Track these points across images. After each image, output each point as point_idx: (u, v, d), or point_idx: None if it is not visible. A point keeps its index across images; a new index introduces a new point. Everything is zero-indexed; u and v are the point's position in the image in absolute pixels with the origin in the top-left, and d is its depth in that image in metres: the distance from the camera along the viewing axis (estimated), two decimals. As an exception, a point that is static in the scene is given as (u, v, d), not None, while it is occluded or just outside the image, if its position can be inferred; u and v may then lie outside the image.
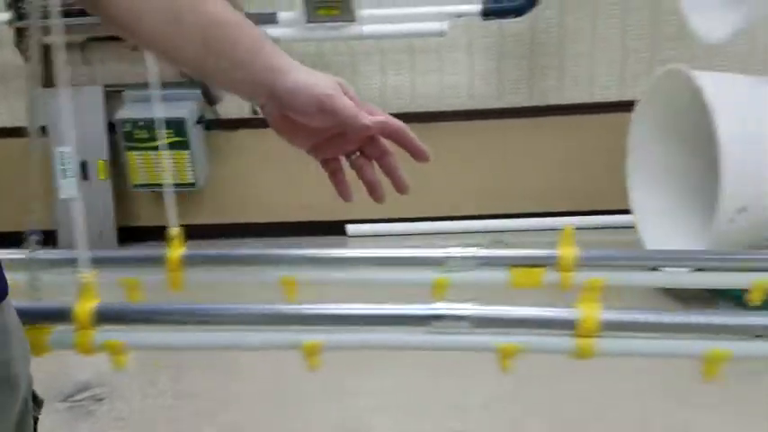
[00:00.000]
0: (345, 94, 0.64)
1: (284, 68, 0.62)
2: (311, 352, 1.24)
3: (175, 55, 0.63)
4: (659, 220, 2.75)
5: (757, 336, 1.22)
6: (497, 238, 3.88)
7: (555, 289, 1.39)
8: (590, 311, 1.21)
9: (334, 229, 4.04)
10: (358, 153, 0.70)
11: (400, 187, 0.72)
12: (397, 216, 4.02)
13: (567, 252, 1.38)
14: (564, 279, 1.38)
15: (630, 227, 2.92)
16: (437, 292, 1.40)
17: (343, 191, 0.72)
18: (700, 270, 1.57)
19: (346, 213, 4.09)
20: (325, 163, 0.71)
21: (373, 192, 0.71)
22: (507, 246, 3.65)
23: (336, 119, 0.64)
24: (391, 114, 0.72)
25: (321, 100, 0.62)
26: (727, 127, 2.17)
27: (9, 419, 0.57)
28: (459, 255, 1.43)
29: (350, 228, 4.06)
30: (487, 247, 1.51)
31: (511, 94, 3.92)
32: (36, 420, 0.64)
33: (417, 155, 0.70)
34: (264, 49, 0.62)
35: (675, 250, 2.32)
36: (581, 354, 1.22)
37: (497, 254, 1.49)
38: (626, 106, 3.05)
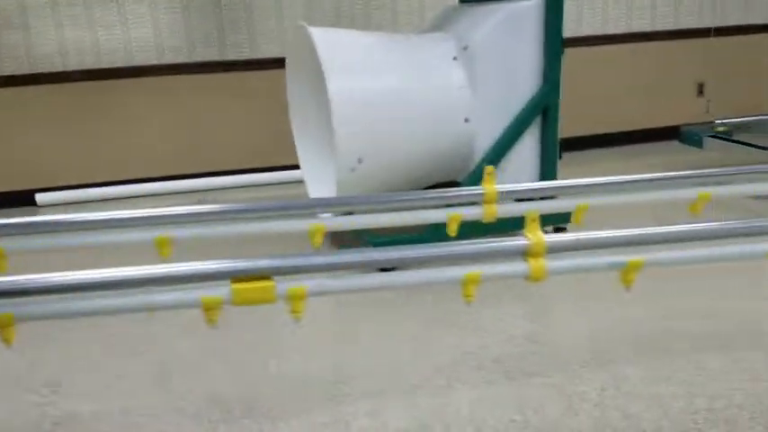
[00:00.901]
0: None
1: None
2: None
3: None
4: (318, 171, 2.86)
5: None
6: (200, 196, 3.81)
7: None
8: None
9: (22, 199, 3.69)
10: None
11: None
12: (88, 181, 3.79)
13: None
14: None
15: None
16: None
17: None
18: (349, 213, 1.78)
19: (34, 182, 3.77)
20: None
21: None
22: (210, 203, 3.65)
23: None
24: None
25: None
26: (338, 84, 2.26)
27: None
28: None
29: (40, 197, 3.73)
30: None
31: (202, 48, 3.81)
32: None
33: None
34: None
35: (329, 197, 2.38)
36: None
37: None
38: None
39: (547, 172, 2.63)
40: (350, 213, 1.82)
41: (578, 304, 2.15)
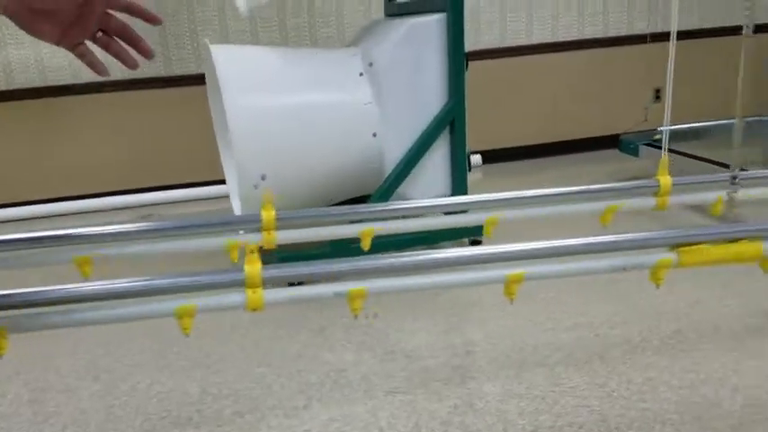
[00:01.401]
0: None
1: None
2: None
3: None
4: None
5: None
6: (145, 212, 3.85)
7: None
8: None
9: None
10: (101, 33, 0.77)
11: (146, 52, 0.81)
12: (35, 198, 3.84)
13: None
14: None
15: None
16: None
17: (98, 68, 0.80)
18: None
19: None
20: (76, 48, 0.77)
21: (126, 60, 0.80)
22: (158, 219, 3.69)
23: None
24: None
25: None
26: (235, 100, 2.28)
27: None
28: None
29: (-12, 214, 3.78)
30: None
31: (147, 64, 3.85)
32: None
33: (151, 19, 0.80)
34: None
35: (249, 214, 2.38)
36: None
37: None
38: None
39: (457, 185, 2.65)
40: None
41: (470, 317, 2.16)
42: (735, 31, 4.77)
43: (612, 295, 2.21)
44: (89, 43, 0.81)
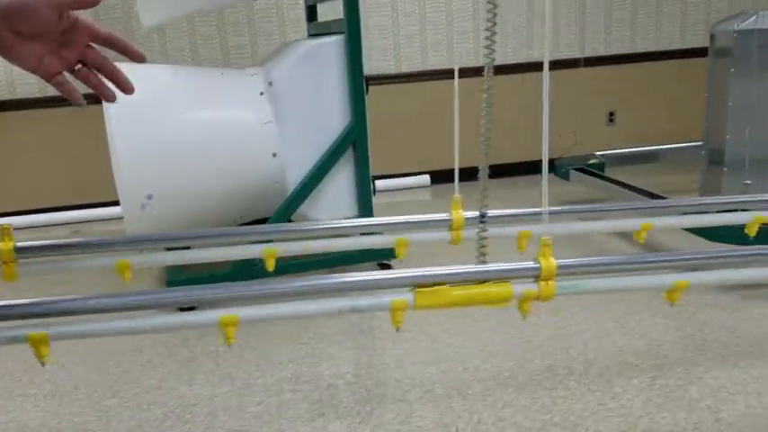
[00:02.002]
0: None
1: None
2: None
3: None
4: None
5: None
6: (76, 228, 3.80)
7: None
8: None
9: None
10: (80, 66, 0.76)
11: (126, 87, 0.79)
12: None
13: None
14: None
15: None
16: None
17: (76, 96, 0.78)
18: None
19: None
20: (53, 78, 0.75)
21: (105, 94, 0.79)
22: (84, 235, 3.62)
23: (63, 4, 0.69)
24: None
25: None
26: (120, 119, 2.20)
27: None
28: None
29: None
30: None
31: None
32: None
33: (134, 55, 0.78)
34: None
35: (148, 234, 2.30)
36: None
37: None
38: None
39: (363, 207, 2.57)
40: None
41: (345, 346, 2.07)
42: (691, 53, 4.70)
43: (500, 326, 2.12)
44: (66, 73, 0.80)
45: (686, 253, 0.99)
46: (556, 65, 4.42)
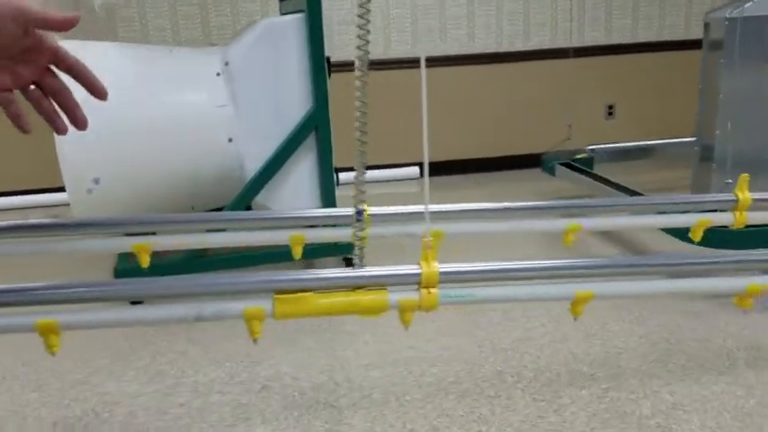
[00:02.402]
0: None
1: None
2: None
3: None
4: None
5: None
6: (56, 211, 3.73)
7: None
8: None
9: None
10: (33, 87, 0.68)
11: (80, 123, 0.72)
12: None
13: None
14: None
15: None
16: None
17: (22, 122, 0.70)
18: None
19: None
20: (2, 94, 0.67)
21: (57, 126, 0.71)
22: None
23: (30, 21, 0.62)
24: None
25: (17, 5, 0.61)
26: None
27: None
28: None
29: None
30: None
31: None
32: None
33: (96, 91, 0.72)
34: None
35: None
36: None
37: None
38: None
39: (326, 198, 2.45)
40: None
41: (290, 346, 1.96)
42: (696, 44, 4.52)
43: (468, 327, 2.00)
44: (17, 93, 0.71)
45: (599, 260, 0.86)
46: (550, 54, 4.26)
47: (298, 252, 1.33)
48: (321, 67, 2.31)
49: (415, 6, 4.07)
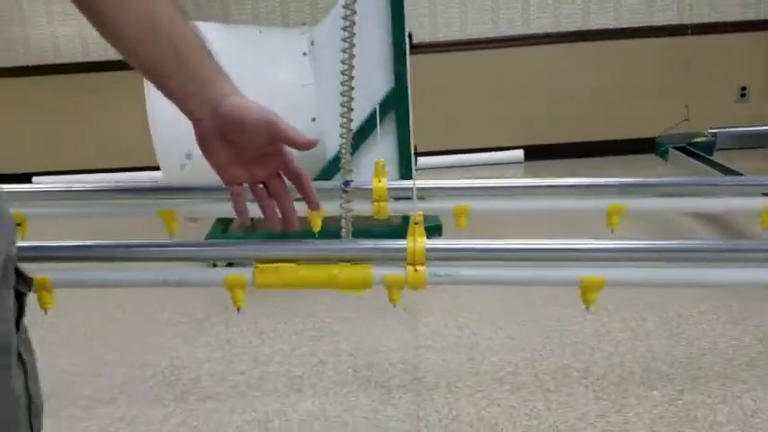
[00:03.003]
0: None
1: (231, 90, 0.69)
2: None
3: (144, 61, 0.66)
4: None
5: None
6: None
7: None
8: None
9: (20, 181, 4.06)
10: (261, 185, 0.73)
11: (291, 226, 0.75)
12: (79, 168, 4.07)
13: None
14: None
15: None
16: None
17: (244, 217, 0.75)
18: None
19: (31, 166, 4.13)
20: (233, 186, 0.73)
21: (272, 219, 0.75)
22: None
23: (278, 136, 0.68)
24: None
25: (270, 119, 0.68)
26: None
27: None
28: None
29: (36, 180, 4.08)
30: None
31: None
32: (22, 296, 0.63)
33: (312, 204, 0.74)
34: (219, 71, 0.69)
35: None
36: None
37: None
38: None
39: (405, 176, 2.42)
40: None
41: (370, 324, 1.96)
42: None
43: (535, 317, 1.90)
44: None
45: (611, 242, 0.76)
46: (654, 31, 3.94)
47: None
48: (402, 48, 2.26)
49: (525, -17, 3.91)
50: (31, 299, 0.70)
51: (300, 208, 0.75)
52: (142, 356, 1.83)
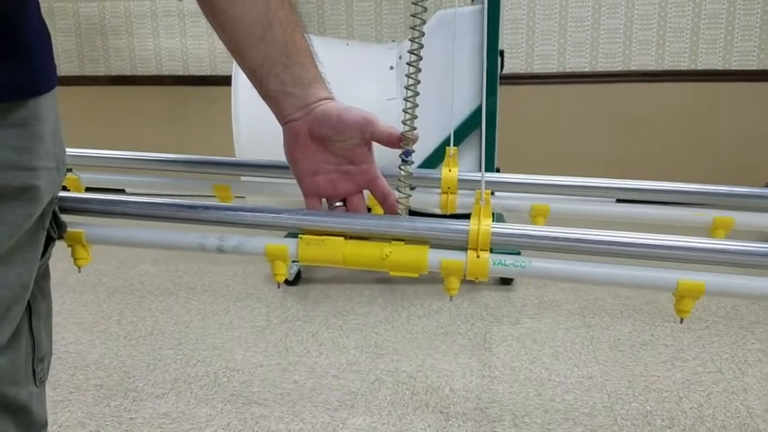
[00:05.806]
0: None
1: (329, 96, 0.69)
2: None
3: (250, 59, 0.65)
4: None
5: None
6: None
7: None
8: None
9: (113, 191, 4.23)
10: (341, 203, 0.71)
11: None
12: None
13: None
14: None
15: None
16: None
17: None
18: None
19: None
20: (312, 197, 0.71)
21: None
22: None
23: (376, 133, 0.68)
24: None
25: (369, 116, 0.69)
26: (243, 88, 2.21)
27: (20, 225, 0.52)
28: None
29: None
30: None
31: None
32: (51, 241, 0.60)
33: (390, 210, 0.73)
34: (321, 77, 0.69)
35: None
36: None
37: None
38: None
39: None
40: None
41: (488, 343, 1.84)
42: None
43: (619, 359, 1.73)
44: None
45: (718, 243, 0.63)
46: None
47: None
48: (494, 62, 2.18)
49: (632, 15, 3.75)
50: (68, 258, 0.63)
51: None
52: (197, 354, 1.78)
